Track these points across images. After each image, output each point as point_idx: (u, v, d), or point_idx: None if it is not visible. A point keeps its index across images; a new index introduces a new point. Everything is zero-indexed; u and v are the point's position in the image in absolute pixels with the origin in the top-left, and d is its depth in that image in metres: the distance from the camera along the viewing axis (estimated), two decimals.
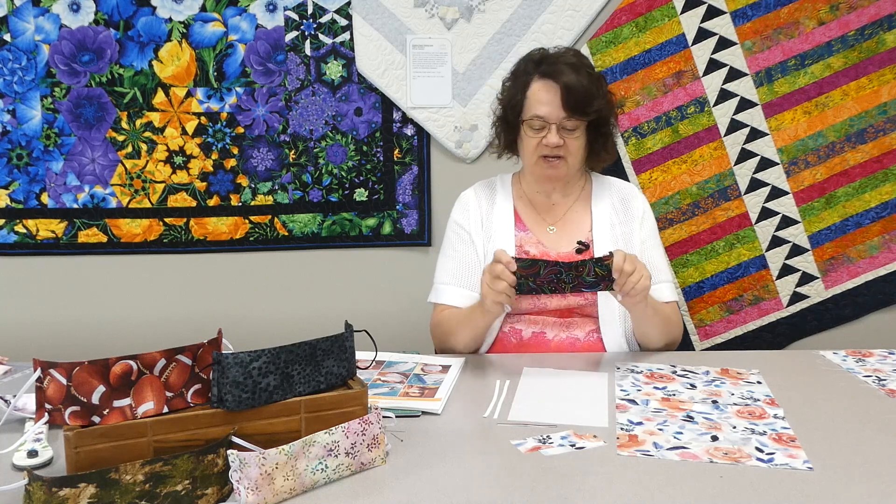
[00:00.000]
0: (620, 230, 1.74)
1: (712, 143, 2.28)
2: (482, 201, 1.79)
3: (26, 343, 2.30)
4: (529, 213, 1.77)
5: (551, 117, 1.62)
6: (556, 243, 1.73)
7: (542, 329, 1.68)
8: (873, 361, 1.58)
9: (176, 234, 2.32)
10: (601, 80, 1.70)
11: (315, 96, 2.28)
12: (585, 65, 1.67)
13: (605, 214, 1.75)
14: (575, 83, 1.61)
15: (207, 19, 2.22)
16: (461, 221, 1.78)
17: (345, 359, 1.17)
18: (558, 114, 1.62)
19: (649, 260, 1.71)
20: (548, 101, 1.63)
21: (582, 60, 1.68)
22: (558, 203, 1.77)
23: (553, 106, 1.62)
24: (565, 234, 1.74)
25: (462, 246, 1.76)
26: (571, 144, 1.65)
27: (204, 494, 1.00)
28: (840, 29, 2.21)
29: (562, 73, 1.62)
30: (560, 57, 1.67)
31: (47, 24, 2.18)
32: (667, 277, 1.76)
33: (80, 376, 0.99)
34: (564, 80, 1.61)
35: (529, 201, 1.78)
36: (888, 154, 2.27)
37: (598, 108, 1.64)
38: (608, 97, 1.69)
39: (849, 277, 2.33)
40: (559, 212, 1.77)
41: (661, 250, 1.80)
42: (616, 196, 1.78)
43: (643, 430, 1.23)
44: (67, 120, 2.23)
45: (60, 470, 1.07)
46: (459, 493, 1.03)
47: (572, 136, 1.65)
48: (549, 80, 1.64)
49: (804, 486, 1.04)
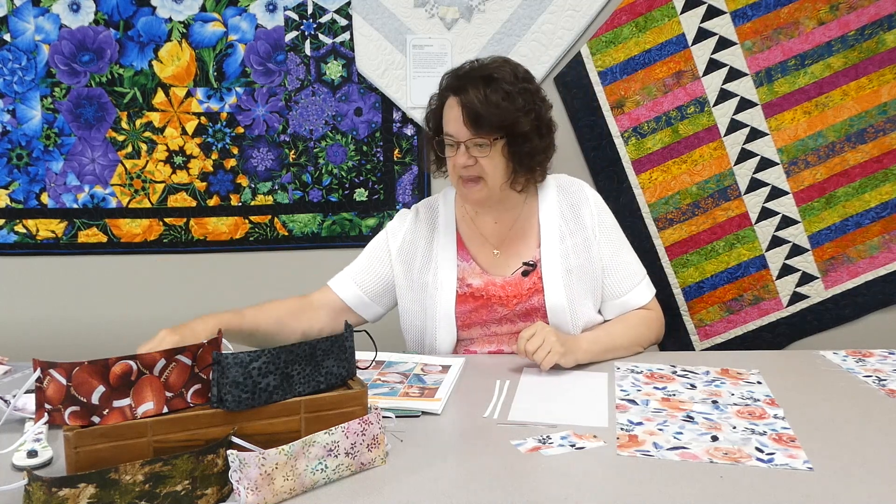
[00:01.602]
0: (571, 242, 1.64)
1: (712, 143, 2.28)
2: (421, 226, 1.71)
3: (26, 343, 2.30)
4: (473, 237, 1.68)
5: (459, 136, 1.53)
6: (502, 268, 1.64)
7: (499, 347, 1.66)
8: (873, 361, 1.58)
9: (176, 234, 2.32)
10: (523, 92, 1.54)
11: (315, 96, 2.28)
12: (503, 78, 1.53)
13: (553, 226, 1.64)
14: (477, 98, 1.49)
15: (207, 19, 2.22)
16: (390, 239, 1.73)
17: (345, 359, 1.17)
18: (464, 132, 1.51)
19: (614, 267, 1.66)
20: (454, 119, 1.53)
21: (502, 73, 1.54)
22: (501, 222, 1.67)
23: (458, 123, 1.52)
24: (511, 255, 1.65)
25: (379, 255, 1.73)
26: (486, 164, 1.53)
27: (204, 494, 1.00)
28: (840, 29, 2.21)
29: (465, 89, 1.51)
30: (474, 70, 1.56)
31: (47, 24, 2.18)
32: (639, 277, 1.69)
33: (79, 376, 0.99)
34: (466, 97, 1.50)
35: (472, 222, 1.69)
36: (888, 154, 2.27)
37: (504, 125, 1.51)
38: (527, 109, 1.54)
39: (849, 277, 2.33)
40: (503, 232, 1.67)
41: (626, 248, 1.70)
42: (564, 202, 1.68)
43: (643, 431, 1.23)
44: (67, 120, 2.23)
45: (60, 470, 1.07)
46: (459, 493, 1.03)
47: (483, 154, 1.52)
48: (455, 96, 1.54)
49: (804, 486, 1.04)
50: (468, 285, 1.64)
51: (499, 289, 1.63)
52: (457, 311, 1.63)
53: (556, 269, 1.62)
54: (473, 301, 1.64)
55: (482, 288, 1.63)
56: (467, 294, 1.64)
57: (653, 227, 2.31)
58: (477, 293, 1.63)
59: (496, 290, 1.63)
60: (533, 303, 1.62)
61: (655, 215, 2.31)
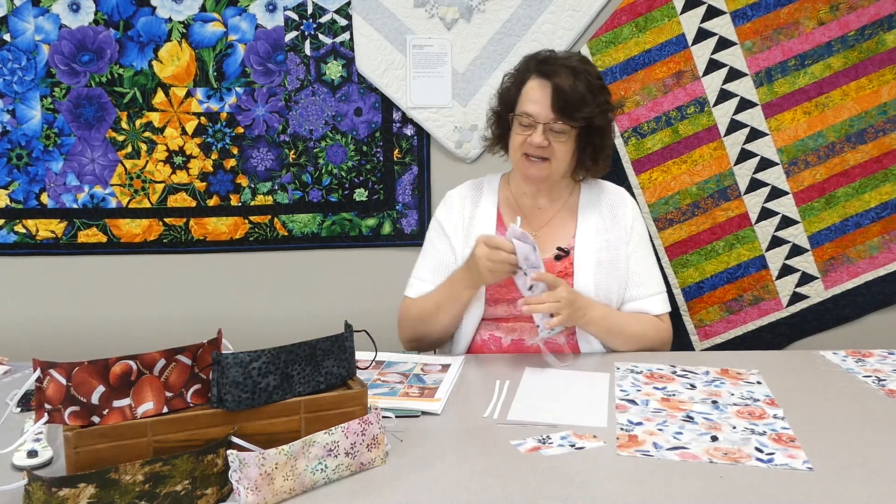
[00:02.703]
0: (605, 237, 1.71)
1: (712, 144, 2.28)
2: (466, 202, 1.77)
3: (26, 343, 2.30)
4: (513, 216, 1.73)
5: (539, 116, 1.61)
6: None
7: (521, 336, 1.68)
8: (873, 361, 1.58)
9: (176, 234, 2.32)
10: (602, 90, 1.67)
11: (315, 96, 2.28)
12: (588, 72, 1.64)
13: (591, 220, 1.72)
14: (567, 86, 1.59)
15: (207, 19, 2.22)
16: (443, 221, 1.77)
17: (344, 359, 1.17)
18: (546, 114, 1.60)
19: (637, 271, 1.70)
20: (538, 100, 1.61)
21: (586, 67, 1.65)
22: (544, 208, 1.75)
23: (542, 105, 1.61)
24: (547, 239, 1.71)
25: (441, 245, 1.75)
26: (558, 148, 1.62)
27: (204, 494, 1.00)
28: (840, 29, 2.21)
29: (557, 75, 1.60)
30: (562, 59, 1.65)
31: (47, 24, 2.18)
32: (658, 289, 1.73)
33: (79, 376, 0.99)
34: (558, 81, 1.60)
35: (516, 205, 1.76)
36: (888, 154, 2.27)
37: (588, 116, 1.61)
38: (605, 107, 1.66)
39: (849, 277, 2.33)
40: (544, 217, 1.74)
41: (652, 260, 1.77)
42: (605, 203, 1.75)
43: (643, 431, 1.23)
44: (67, 120, 2.23)
45: (60, 470, 1.07)
46: (459, 493, 1.03)
47: (559, 140, 1.62)
48: (543, 80, 1.62)
49: (804, 486, 1.04)
50: None
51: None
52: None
53: (588, 258, 1.68)
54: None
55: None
56: None
57: (653, 227, 2.31)
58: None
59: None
60: None
61: (655, 215, 2.31)
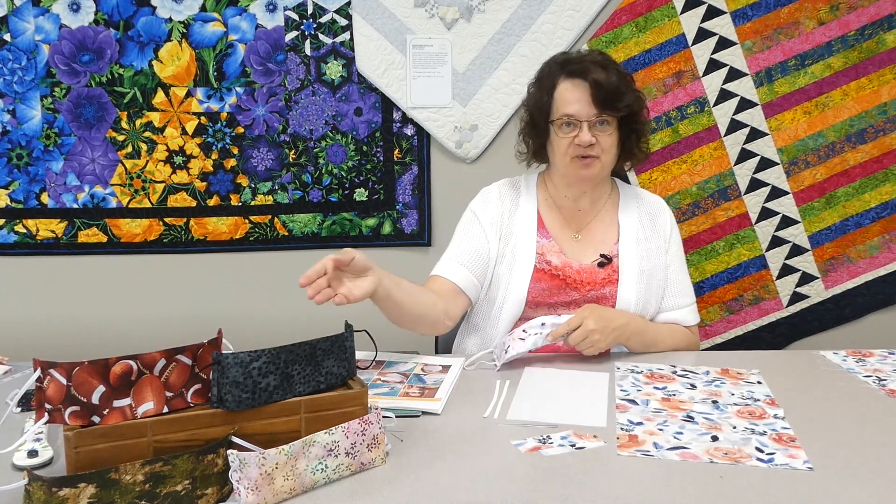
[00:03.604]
0: (646, 246, 1.72)
1: (712, 143, 2.28)
2: (505, 200, 1.75)
3: (26, 343, 2.30)
4: (554, 219, 1.74)
5: (581, 115, 1.61)
6: (580, 254, 1.70)
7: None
8: (873, 361, 1.58)
9: (176, 234, 2.32)
10: (630, 77, 1.69)
11: (315, 96, 2.28)
12: (613, 63, 1.67)
13: (632, 228, 1.73)
14: (604, 79, 1.60)
15: (207, 19, 2.22)
16: (478, 212, 1.74)
17: (345, 359, 1.17)
18: (589, 111, 1.61)
19: (675, 280, 1.73)
20: (576, 100, 1.62)
21: (608, 59, 1.68)
22: (585, 210, 1.74)
23: (582, 104, 1.61)
24: (590, 243, 1.72)
25: (475, 230, 1.72)
26: (605, 142, 1.63)
27: (204, 494, 1.00)
28: (840, 29, 2.21)
29: (589, 71, 1.62)
30: (586, 56, 1.67)
31: (47, 23, 2.18)
32: (692, 300, 1.75)
33: (79, 376, 0.99)
34: (593, 76, 1.60)
35: (555, 206, 1.75)
36: (888, 154, 2.27)
37: (628, 104, 1.63)
38: (637, 94, 1.68)
39: (849, 277, 2.33)
40: (585, 219, 1.74)
41: (686, 271, 1.78)
42: (644, 209, 1.76)
43: (643, 431, 1.23)
44: (67, 120, 2.23)
45: (60, 470, 1.07)
46: (459, 493, 1.03)
47: (604, 133, 1.63)
48: (576, 79, 1.63)
49: (804, 486, 1.04)
50: (547, 262, 1.68)
51: (575, 272, 1.68)
52: (531, 285, 1.67)
53: (632, 267, 1.69)
54: (549, 279, 1.68)
55: (560, 268, 1.68)
56: (545, 270, 1.68)
57: None
58: (554, 271, 1.68)
59: (572, 273, 1.68)
60: (604, 292, 1.68)
61: None
